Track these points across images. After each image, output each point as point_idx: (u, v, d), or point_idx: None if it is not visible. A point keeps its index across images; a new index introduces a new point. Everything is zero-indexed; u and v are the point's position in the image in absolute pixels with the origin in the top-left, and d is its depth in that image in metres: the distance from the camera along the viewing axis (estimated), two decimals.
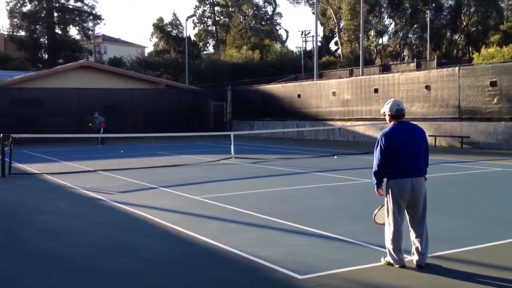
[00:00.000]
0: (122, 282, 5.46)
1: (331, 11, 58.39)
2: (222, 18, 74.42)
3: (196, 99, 37.73)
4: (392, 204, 5.64)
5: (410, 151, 5.61)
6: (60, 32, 59.12)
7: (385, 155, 5.61)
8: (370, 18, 53.19)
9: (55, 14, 59.01)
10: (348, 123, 27.50)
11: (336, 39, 62.72)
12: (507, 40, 41.07)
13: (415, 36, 53.55)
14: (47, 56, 58.39)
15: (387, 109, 5.75)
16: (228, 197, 10.52)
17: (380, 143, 5.64)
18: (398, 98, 20.76)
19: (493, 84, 21.20)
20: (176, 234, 7.45)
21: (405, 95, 24.48)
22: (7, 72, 40.77)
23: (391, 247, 5.62)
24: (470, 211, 8.76)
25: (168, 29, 64.28)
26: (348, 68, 43.98)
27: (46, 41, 58.22)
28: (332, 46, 66.97)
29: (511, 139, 20.44)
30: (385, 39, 57.19)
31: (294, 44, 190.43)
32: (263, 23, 72.55)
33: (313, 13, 53.53)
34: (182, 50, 56.07)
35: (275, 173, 14.47)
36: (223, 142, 26.18)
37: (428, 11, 47.08)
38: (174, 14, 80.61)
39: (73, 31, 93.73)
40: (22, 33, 58.89)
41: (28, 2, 57.79)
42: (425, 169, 5.74)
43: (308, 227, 7.57)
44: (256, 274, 5.61)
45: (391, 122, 5.76)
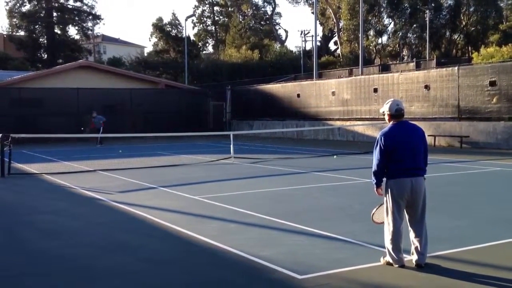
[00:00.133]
0: (121, 282, 5.46)
1: (331, 11, 58.39)
2: (221, 18, 74.41)
3: (196, 99, 37.71)
4: (391, 204, 5.64)
5: (409, 151, 5.61)
6: (59, 32, 59.05)
7: (384, 155, 5.61)
8: (370, 18, 53.19)
9: (55, 14, 58.93)
10: (348, 123, 27.50)
11: (335, 38, 62.72)
12: (507, 40, 41.06)
13: (415, 35, 53.53)
14: (46, 56, 58.31)
15: (387, 108, 5.75)
16: (228, 197, 10.52)
17: (380, 143, 5.64)
18: (397, 97, 20.73)
19: (492, 83, 21.21)
20: (176, 234, 7.45)
21: (404, 94, 24.48)
22: (7, 72, 40.72)
23: (391, 247, 5.62)
24: (469, 211, 8.77)
25: (167, 29, 64.24)
26: (348, 68, 43.98)
27: (46, 41, 58.14)
28: (332, 46, 67.12)
29: (510, 138, 20.45)
30: (384, 38, 57.25)
31: (294, 44, 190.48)
32: (262, 23, 72.53)
33: (312, 13, 53.56)
34: (181, 50, 56.06)
35: (274, 173, 14.47)
36: (222, 142, 26.18)
37: (427, 11, 47.06)
38: (174, 14, 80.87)
39: (72, 31, 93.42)
40: (22, 33, 58.80)
41: (28, 2, 57.68)
42: (424, 168, 5.75)
43: (308, 227, 7.57)
44: (256, 274, 5.61)
45: (390, 121, 5.76)
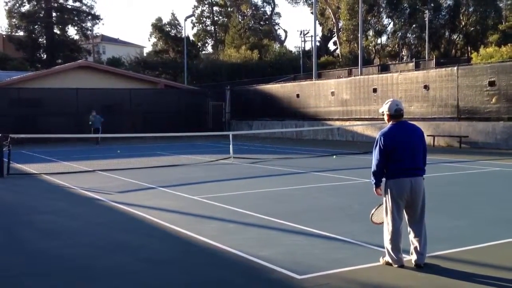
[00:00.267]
0: (120, 282, 5.46)
1: (330, 11, 58.40)
2: (220, 18, 74.40)
3: (195, 99, 37.70)
4: (391, 204, 5.64)
5: (409, 151, 5.62)
6: (58, 32, 59.04)
7: (384, 155, 5.62)
8: (369, 18, 53.22)
9: (54, 14, 58.91)
10: (347, 123, 27.50)
11: (334, 39, 62.72)
12: (506, 40, 41.07)
13: (414, 36, 53.55)
14: (45, 56, 58.30)
15: (386, 108, 5.75)
16: (227, 197, 10.52)
17: (379, 143, 5.64)
18: (396, 98, 20.73)
19: (491, 83, 21.22)
20: (175, 234, 7.44)
21: (403, 95, 24.49)
22: (6, 72, 40.71)
23: (390, 246, 5.62)
24: (468, 211, 8.77)
25: (166, 29, 64.23)
26: (347, 68, 43.98)
27: (45, 41, 58.12)
28: (331, 46, 67.13)
29: (509, 138, 20.46)
30: (383, 39, 57.28)
31: (293, 44, 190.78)
32: (261, 23, 72.53)
33: (311, 13, 53.61)
34: (180, 50, 56.05)
35: (273, 173, 14.48)
36: (222, 142, 26.17)
37: (426, 11, 47.05)
38: (173, 14, 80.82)
39: (71, 31, 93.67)
40: (21, 33, 58.78)
41: (27, 2, 57.66)
42: (423, 168, 5.75)
43: (307, 227, 7.57)
44: (255, 274, 5.61)
45: (389, 122, 5.76)
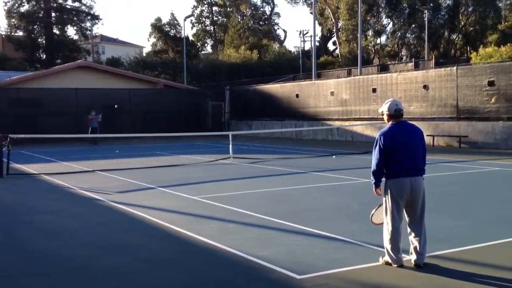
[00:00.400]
0: (120, 282, 5.46)
1: (329, 11, 58.43)
2: (220, 18, 74.39)
3: (194, 99, 37.69)
4: (390, 204, 5.64)
5: (409, 151, 5.61)
6: (58, 32, 59.01)
7: (384, 155, 5.61)
8: (368, 18, 53.26)
9: (53, 14, 58.88)
10: (347, 123, 27.49)
11: (334, 39, 62.77)
12: (505, 40, 41.11)
13: (413, 35, 53.59)
14: (45, 56, 58.28)
15: (386, 108, 5.75)
16: (227, 197, 10.52)
17: (379, 143, 5.64)
18: (396, 97, 20.73)
19: (491, 83, 21.22)
20: (175, 234, 7.44)
21: (403, 94, 24.48)
22: (5, 72, 40.66)
23: (390, 246, 5.62)
24: (468, 211, 8.77)
25: (166, 29, 64.18)
26: (346, 68, 44.01)
27: (44, 41, 58.10)
28: (330, 46, 67.15)
29: (509, 138, 20.46)
30: (383, 39, 57.33)
31: (292, 44, 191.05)
32: (261, 23, 72.57)
33: (311, 13, 53.64)
34: (180, 50, 56.01)
35: (273, 173, 14.47)
36: (221, 142, 26.16)
37: (426, 11, 47.10)
38: (172, 14, 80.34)
39: (71, 31, 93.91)
40: (20, 33, 58.74)
41: (26, 2, 57.62)
42: (423, 168, 5.75)
43: (307, 227, 7.57)
44: (255, 274, 5.61)
45: (389, 121, 5.76)
